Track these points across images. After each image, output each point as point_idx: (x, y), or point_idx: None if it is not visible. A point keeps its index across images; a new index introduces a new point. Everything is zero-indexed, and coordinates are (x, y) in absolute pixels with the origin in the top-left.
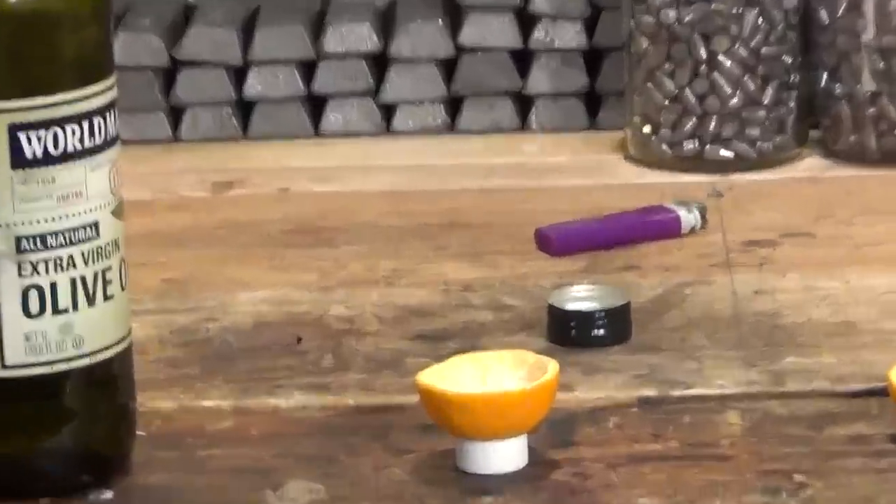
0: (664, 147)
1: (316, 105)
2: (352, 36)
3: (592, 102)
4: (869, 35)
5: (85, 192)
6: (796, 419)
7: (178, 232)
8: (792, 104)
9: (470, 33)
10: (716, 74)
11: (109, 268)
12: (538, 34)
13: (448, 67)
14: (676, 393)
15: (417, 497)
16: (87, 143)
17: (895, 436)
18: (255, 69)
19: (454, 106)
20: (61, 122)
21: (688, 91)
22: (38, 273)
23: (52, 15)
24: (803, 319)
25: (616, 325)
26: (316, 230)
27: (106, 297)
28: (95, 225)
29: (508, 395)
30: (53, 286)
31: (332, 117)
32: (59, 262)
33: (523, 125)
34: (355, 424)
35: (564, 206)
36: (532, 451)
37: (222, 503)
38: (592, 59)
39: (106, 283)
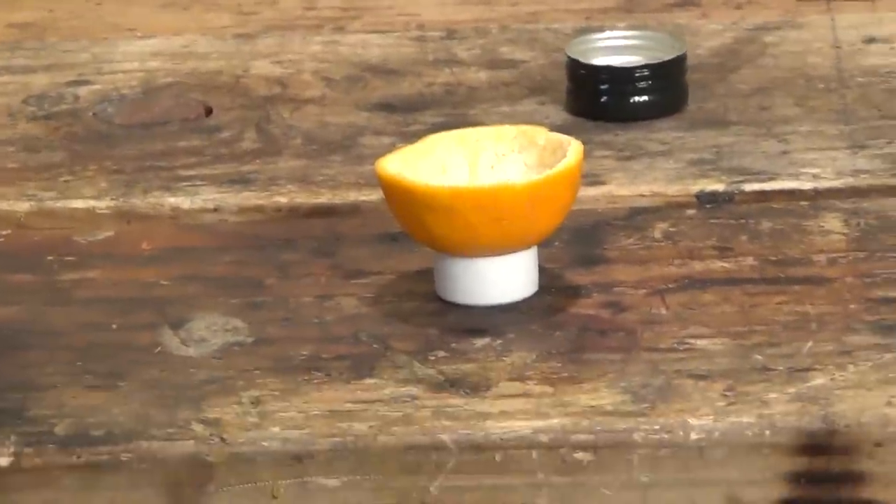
0: None
1: None
2: None
3: None
4: None
5: None
6: None
7: None
8: None
9: None
10: None
11: None
12: None
13: None
14: (752, 187)
15: (379, 338)
16: None
17: None
18: None
19: None
20: None
21: None
22: None
23: None
24: None
25: (666, 87)
26: None
27: None
28: None
29: (510, 189)
30: None
31: None
32: None
33: None
34: (290, 234)
35: None
36: (544, 271)
37: (99, 348)
38: None
39: None
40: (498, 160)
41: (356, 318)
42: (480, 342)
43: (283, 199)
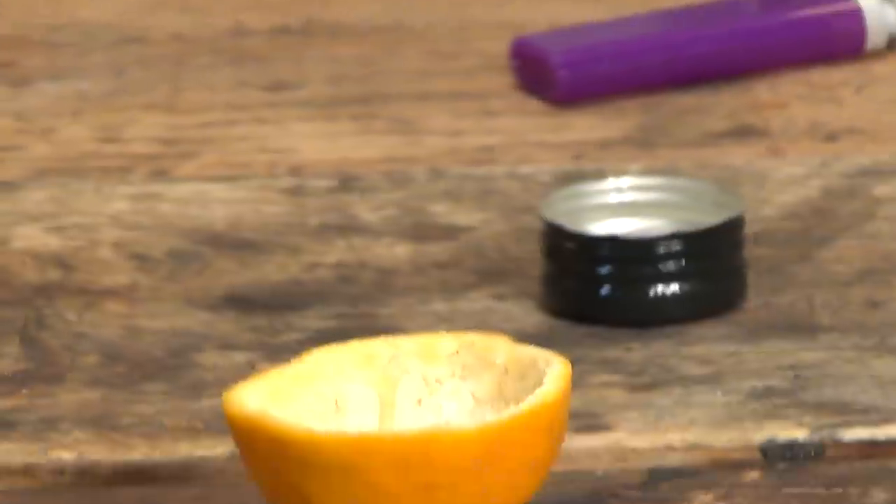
0: None
1: None
2: None
3: None
4: None
5: None
6: None
7: None
8: None
9: None
10: None
11: None
12: None
13: None
14: (856, 434)
15: None
16: None
17: None
18: None
19: None
20: None
21: None
22: None
23: None
24: None
25: (710, 270)
26: None
27: None
28: None
29: (450, 438)
30: None
31: None
32: None
33: None
34: None
35: None
36: None
37: None
38: None
39: None
40: (429, 391)
41: None
42: None
43: (66, 456)
